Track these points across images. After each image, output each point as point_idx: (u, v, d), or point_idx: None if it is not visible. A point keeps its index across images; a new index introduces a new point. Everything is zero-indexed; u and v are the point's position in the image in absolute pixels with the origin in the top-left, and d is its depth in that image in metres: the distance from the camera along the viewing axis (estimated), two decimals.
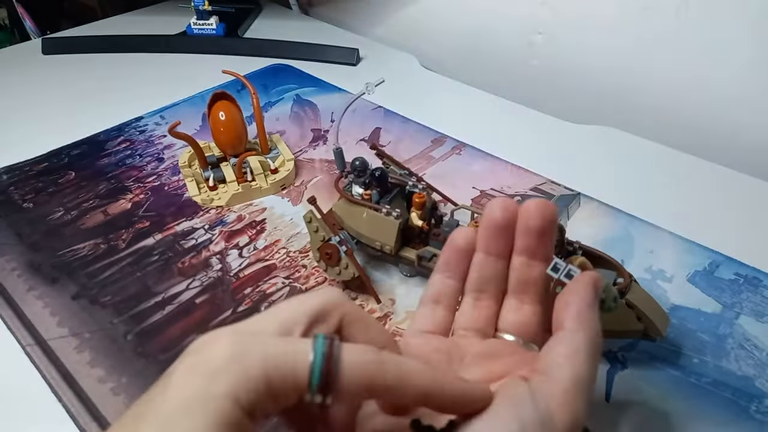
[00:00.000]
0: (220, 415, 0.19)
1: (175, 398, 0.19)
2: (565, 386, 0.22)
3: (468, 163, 0.60)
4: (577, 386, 0.22)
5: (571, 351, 0.23)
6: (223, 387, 0.19)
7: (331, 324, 0.22)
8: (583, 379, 0.23)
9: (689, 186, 0.57)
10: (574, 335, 0.24)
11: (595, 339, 0.24)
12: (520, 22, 0.75)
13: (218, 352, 0.20)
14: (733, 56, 0.61)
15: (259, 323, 0.22)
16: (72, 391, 0.38)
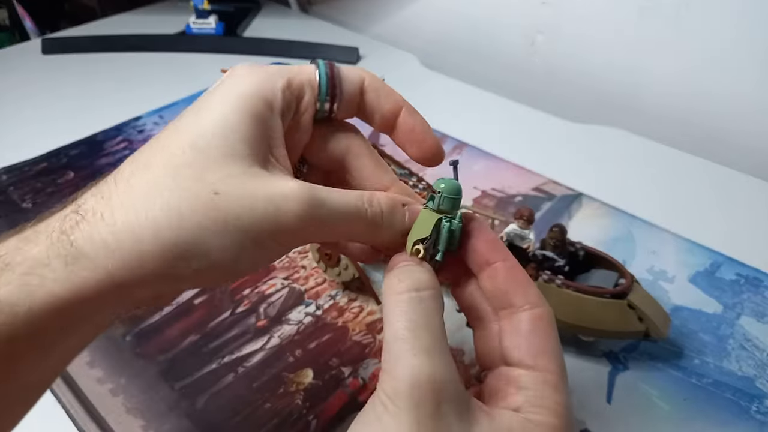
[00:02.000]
0: (252, 109, 0.22)
1: (211, 108, 0.22)
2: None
3: (469, 163, 0.60)
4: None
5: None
6: (254, 87, 0.22)
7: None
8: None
9: (691, 186, 0.57)
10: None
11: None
12: (521, 22, 0.75)
13: (244, 75, 0.23)
14: (733, 56, 0.60)
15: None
16: (71, 391, 0.38)
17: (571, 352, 0.40)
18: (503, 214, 0.52)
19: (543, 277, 0.38)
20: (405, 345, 0.20)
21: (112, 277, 0.20)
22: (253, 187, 0.21)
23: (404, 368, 0.19)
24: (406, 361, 0.19)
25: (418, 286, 0.22)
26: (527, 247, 0.42)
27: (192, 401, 0.38)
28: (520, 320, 0.22)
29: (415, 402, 0.19)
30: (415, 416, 0.18)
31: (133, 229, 0.20)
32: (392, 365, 0.20)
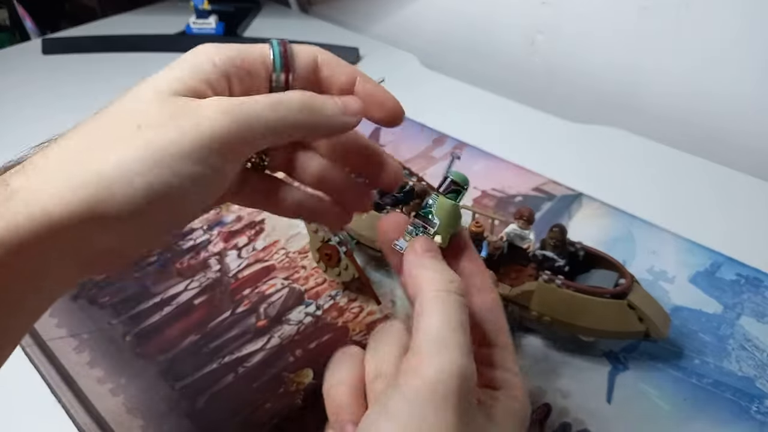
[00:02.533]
0: (198, 66, 0.23)
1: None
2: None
3: (469, 163, 0.60)
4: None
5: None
6: (203, 55, 0.23)
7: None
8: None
9: (691, 186, 0.57)
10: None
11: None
12: (521, 22, 0.75)
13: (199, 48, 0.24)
14: (733, 56, 0.60)
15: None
16: (71, 391, 0.38)
17: (571, 352, 0.40)
18: (503, 214, 0.52)
19: (543, 277, 0.38)
20: (453, 340, 0.20)
21: (48, 214, 0.20)
22: (171, 109, 0.22)
23: (452, 363, 0.20)
24: (454, 355, 0.20)
25: (457, 289, 0.22)
26: (527, 247, 0.42)
27: (192, 401, 0.38)
28: (484, 302, 0.24)
29: (463, 397, 0.20)
30: (461, 411, 0.20)
31: (63, 166, 0.21)
32: (436, 355, 0.20)
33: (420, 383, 0.19)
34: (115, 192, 0.20)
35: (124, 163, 0.21)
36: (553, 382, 0.39)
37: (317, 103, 0.24)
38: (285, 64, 0.25)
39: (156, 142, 0.21)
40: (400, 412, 0.19)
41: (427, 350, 0.20)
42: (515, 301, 0.39)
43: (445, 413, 0.19)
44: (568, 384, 0.38)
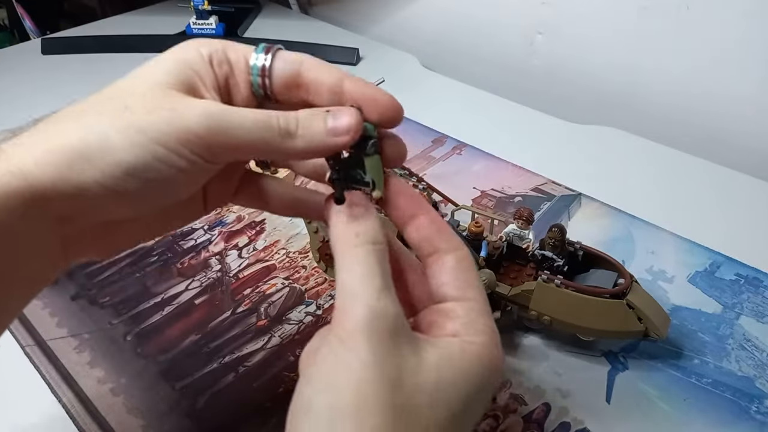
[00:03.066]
0: (189, 61, 0.24)
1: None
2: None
3: (468, 163, 0.60)
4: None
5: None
6: (192, 50, 0.25)
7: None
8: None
9: (690, 186, 0.57)
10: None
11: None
12: (521, 22, 0.75)
13: (183, 44, 0.25)
14: (733, 56, 0.60)
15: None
16: (72, 391, 0.38)
17: (571, 351, 0.40)
18: (502, 214, 0.52)
19: (542, 276, 0.38)
20: (362, 287, 0.21)
21: (25, 174, 0.21)
22: (161, 100, 0.23)
23: (363, 307, 0.21)
24: (363, 300, 0.21)
25: (374, 240, 0.23)
26: (526, 247, 0.42)
27: (192, 401, 0.38)
28: (446, 261, 0.25)
29: (375, 335, 0.21)
30: (374, 347, 0.20)
31: (48, 133, 0.22)
32: (350, 304, 0.21)
33: (343, 333, 0.21)
34: (91, 161, 0.21)
35: (104, 136, 0.22)
36: (553, 381, 0.39)
37: (312, 124, 0.24)
38: (261, 69, 0.25)
39: (138, 125, 0.22)
40: (326, 361, 0.21)
41: (342, 304, 0.21)
42: (514, 301, 0.40)
43: (362, 354, 0.20)
44: (567, 384, 0.38)
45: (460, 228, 0.41)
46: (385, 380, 0.20)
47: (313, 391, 0.21)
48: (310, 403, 0.20)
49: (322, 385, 0.20)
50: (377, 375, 0.20)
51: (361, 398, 0.20)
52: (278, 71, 0.25)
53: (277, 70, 0.25)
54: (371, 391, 0.20)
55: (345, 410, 0.19)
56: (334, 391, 0.20)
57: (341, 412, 0.19)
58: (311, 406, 0.20)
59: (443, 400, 0.21)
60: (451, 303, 0.24)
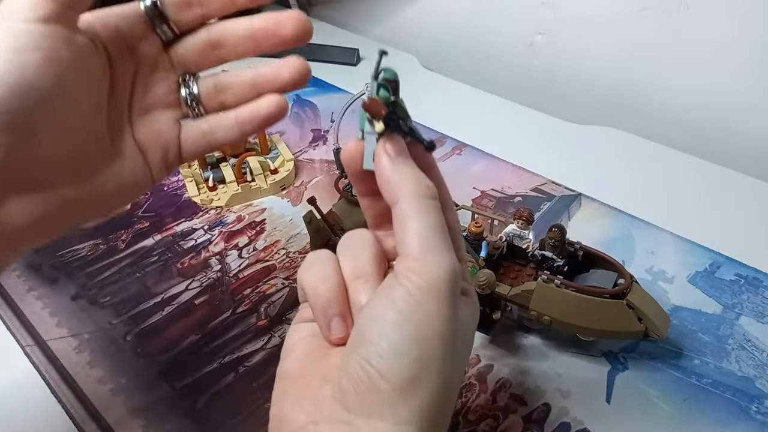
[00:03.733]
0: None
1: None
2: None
3: (468, 164, 0.60)
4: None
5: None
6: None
7: None
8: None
9: (690, 187, 0.57)
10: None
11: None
12: (521, 22, 0.75)
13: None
14: (732, 56, 0.60)
15: None
16: (71, 391, 0.38)
17: (571, 351, 0.40)
18: (502, 214, 0.52)
19: (542, 277, 0.38)
20: (441, 242, 0.22)
21: None
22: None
23: (445, 262, 0.22)
24: (443, 255, 0.22)
25: (434, 194, 0.24)
26: (526, 247, 0.42)
27: (193, 401, 0.38)
28: (449, 219, 0.25)
29: (452, 291, 0.22)
30: (452, 302, 0.22)
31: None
32: (432, 256, 0.22)
33: (423, 282, 0.21)
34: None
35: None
36: (553, 382, 0.39)
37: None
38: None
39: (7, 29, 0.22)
40: (407, 306, 0.21)
41: (422, 253, 0.22)
42: (515, 301, 0.40)
43: (443, 307, 0.22)
44: (567, 384, 0.38)
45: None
46: (457, 335, 0.22)
47: (394, 332, 0.21)
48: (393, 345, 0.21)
49: (406, 331, 0.21)
50: (454, 330, 0.22)
51: (446, 352, 0.21)
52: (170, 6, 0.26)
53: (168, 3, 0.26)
54: (450, 346, 0.22)
55: (432, 363, 0.21)
56: (423, 342, 0.21)
57: (428, 366, 0.21)
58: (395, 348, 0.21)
59: (467, 349, 0.25)
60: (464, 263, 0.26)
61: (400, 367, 0.21)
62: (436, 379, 0.21)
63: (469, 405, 0.37)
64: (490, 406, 0.37)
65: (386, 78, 0.24)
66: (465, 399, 0.38)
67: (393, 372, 0.21)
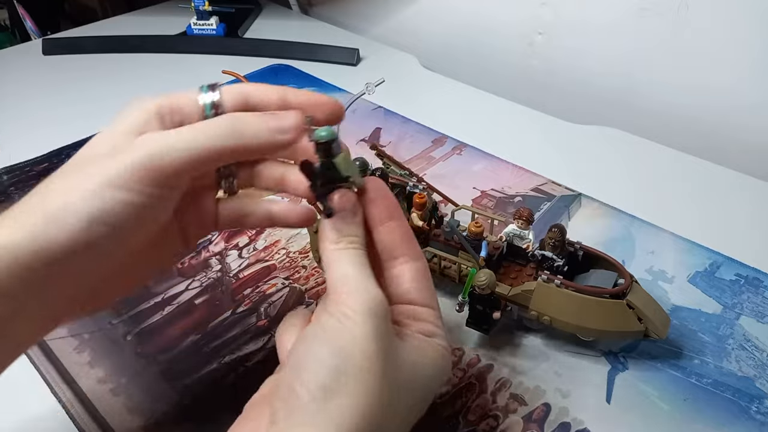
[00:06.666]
0: (139, 115, 0.26)
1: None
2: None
3: (468, 164, 0.60)
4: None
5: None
6: (137, 103, 0.27)
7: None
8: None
9: (690, 186, 0.57)
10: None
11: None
12: (521, 22, 0.75)
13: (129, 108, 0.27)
14: (732, 56, 0.60)
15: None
16: (72, 391, 0.38)
17: (570, 351, 0.41)
18: (502, 214, 0.52)
19: (542, 277, 0.38)
20: (362, 277, 0.25)
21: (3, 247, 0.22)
22: (113, 147, 0.25)
23: (366, 291, 0.24)
24: (365, 287, 0.25)
25: (354, 241, 0.26)
26: (526, 247, 0.42)
27: (193, 401, 0.38)
28: (411, 267, 0.28)
29: (376, 316, 0.24)
30: (376, 325, 0.24)
31: (28, 207, 0.24)
32: (354, 288, 0.24)
33: (346, 307, 0.24)
34: (57, 223, 0.23)
35: (66, 197, 0.23)
36: (553, 382, 0.39)
37: (240, 128, 0.26)
38: (213, 105, 0.27)
39: (94, 175, 0.24)
40: (330, 326, 0.23)
41: (344, 288, 0.24)
42: (514, 301, 0.40)
43: (367, 327, 0.23)
44: (567, 384, 0.38)
45: (460, 228, 0.42)
46: (381, 353, 0.23)
47: (319, 347, 0.23)
48: (315, 357, 0.23)
49: (328, 346, 0.23)
50: (377, 348, 0.23)
51: (365, 363, 0.23)
52: (228, 104, 0.27)
53: (227, 102, 0.27)
54: (372, 360, 0.23)
55: (350, 371, 0.22)
56: (342, 354, 0.23)
57: (346, 373, 0.22)
58: (317, 359, 0.23)
59: (415, 384, 0.25)
60: (419, 307, 0.27)
61: (317, 375, 0.22)
62: (359, 393, 0.22)
63: (469, 405, 0.37)
64: (490, 406, 0.37)
65: (315, 140, 0.26)
66: (465, 399, 0.38)
67: (311, 379, 0.22)
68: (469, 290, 0.39)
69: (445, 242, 0.42)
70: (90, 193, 0.23)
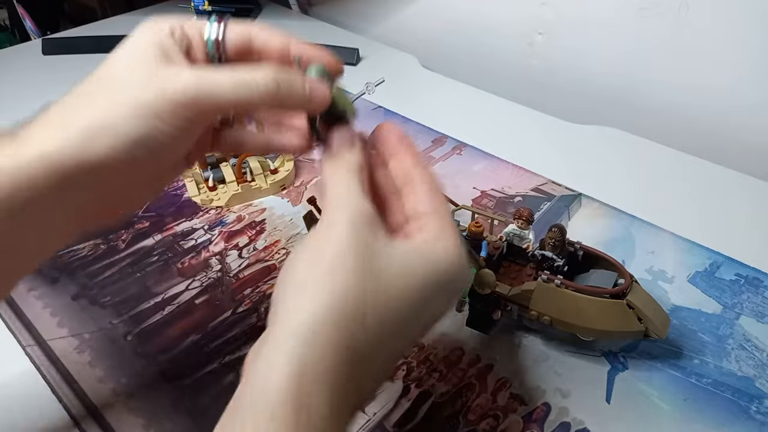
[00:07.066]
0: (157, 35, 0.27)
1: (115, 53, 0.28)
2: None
3: (468, 164, 0.60)
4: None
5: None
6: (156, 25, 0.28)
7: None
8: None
9: (690, 186, 0.57)
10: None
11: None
12: (521, 22, 0.75)
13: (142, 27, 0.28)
14: (732, 56, 0.60)
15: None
16: (72, 391, 0.38)
17: (570, 351, 0.41)
18: (502, 214, 0.52)
19: (542, 276, 0.38)
20: (348, 192, 0.26)
21: (47, 156, 0.25)
22: (150, 76, 0.26)
23: (349, 204, 0.25)
24: (349, 200, 0.26)
25: (357, 166, 0.28)
26: (526, 247, 0.42)
27: (193, 400, 0.38)
28: (421, 185, 0.28)
29: (356, 223, 0.25)
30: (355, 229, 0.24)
31: (60, 118, 0.26)
32: (335, 203, 0.26)
33: (329, 220, 0.25)
34: (102, 139, 0.25)
35: (110, 115, 0.25)
36: (553, 381, 0.39)
37: (286, 90, 0.27)
38: (215, 42, 0.29)
39: (135, 102, 0.25)
40: (312, 237, 0.25)
41: (330, 203, 0.26)
42: (514, 301, 0.40)
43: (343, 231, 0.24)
44: (567, 384, 0.39)
45: (460, 228, 0.41)
46: (354, 253, 0.24)
47: (296, 256, 0.25)
48: (294, 264, 0.24)
49: (306, 250, 0.25)
50: (350, 250, 0.24)
51: (337, 259, 0.23)
52: (230, 42, 0.29)
53: (230, 41, 0.29)
54: (346, 256, 0.24)
55: (323, 266, 0.23)
56: (317, 253, 0.24)
57: (320, 268, 0.23)
58: (295, 266, 0.24)
59: (406, 284, 0.24)
60: (424, 217, 0.27)
61: (293, 270, 0.24)
62: (326, 283, 0.23)
63: (469, 405, 0.37)
64: (490, 406, 0.37)
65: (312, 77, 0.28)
66: (465, 399, 0.38)
67: (287, 275, 0.24)
68: (469, 290, 0.39)
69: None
70: (133, 118, 0.25)
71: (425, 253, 0.25)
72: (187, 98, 0.26)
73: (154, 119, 0.25)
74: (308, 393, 0.21)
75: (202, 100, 0.26)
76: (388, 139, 0.30)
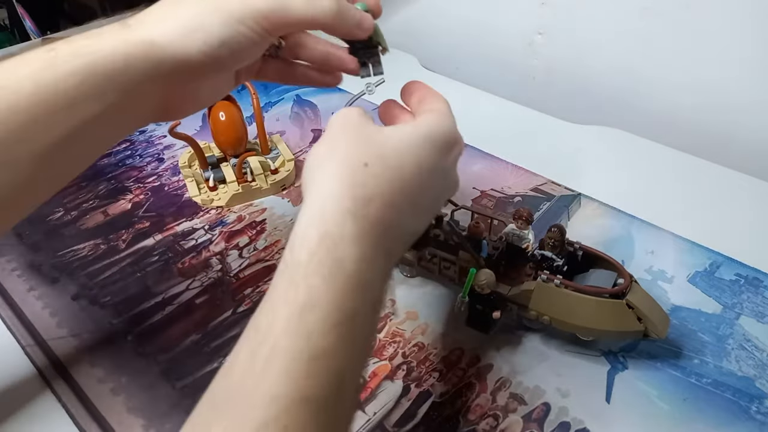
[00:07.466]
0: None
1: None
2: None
3: (468, 164, 0.60)
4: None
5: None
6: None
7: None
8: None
9: (690, 186, 0.57)
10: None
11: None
12: (521, 22, 0.75)
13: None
14: (732, 56, 0.60)
15: None
16: (72, 391, 0.38)
17: (570, 351, 0.41)
18: (502, 214, 0.52)
19: (542, 276, 0.38)
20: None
21: (151, 41, 0.30)
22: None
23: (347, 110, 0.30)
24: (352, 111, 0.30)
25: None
26: (526, 247, 0.42)
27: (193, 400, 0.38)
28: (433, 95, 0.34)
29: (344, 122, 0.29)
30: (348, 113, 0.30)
31: (163, 16, 0.31)
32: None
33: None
34: (196, 35, 0.30)
35: (205, 17, 0.30)
36: (552, 381, 0.39)
37: (344, 15, 0.32)
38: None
39: (225, 8, 0.30)
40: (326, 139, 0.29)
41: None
42: (514, 301, 0.40)
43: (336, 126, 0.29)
44: (567, 383, 0.39)
45: (459, 228, 0.42)
46: (350, 127, 0.29)
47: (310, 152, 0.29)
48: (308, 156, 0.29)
49: (313, 148, 0.29)
50: (348, 125, 0.29)
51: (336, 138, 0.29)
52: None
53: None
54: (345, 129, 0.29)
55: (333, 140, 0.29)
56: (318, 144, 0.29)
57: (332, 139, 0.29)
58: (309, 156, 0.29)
59: (398, 139, 0.29)
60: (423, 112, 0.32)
61: (318, 146, 0.29)
62: (330, 158, 0.28)
63: (469, 404, 0.37)
64: (489, 406, 0.37)
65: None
66: (465, 398, 0.38)
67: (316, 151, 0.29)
68: (468, 290, 0.39)
69: (444, 242, 0.42)
70: (223, 22, 0.30)
71: (416, 122, 0.31)
72: (266, 9, 0.30)
73: (238, 24, 0.30)
74: (331, 221, 0.27)
75: (278, 12, 0.30)
76: (414, 86, 0.35)
